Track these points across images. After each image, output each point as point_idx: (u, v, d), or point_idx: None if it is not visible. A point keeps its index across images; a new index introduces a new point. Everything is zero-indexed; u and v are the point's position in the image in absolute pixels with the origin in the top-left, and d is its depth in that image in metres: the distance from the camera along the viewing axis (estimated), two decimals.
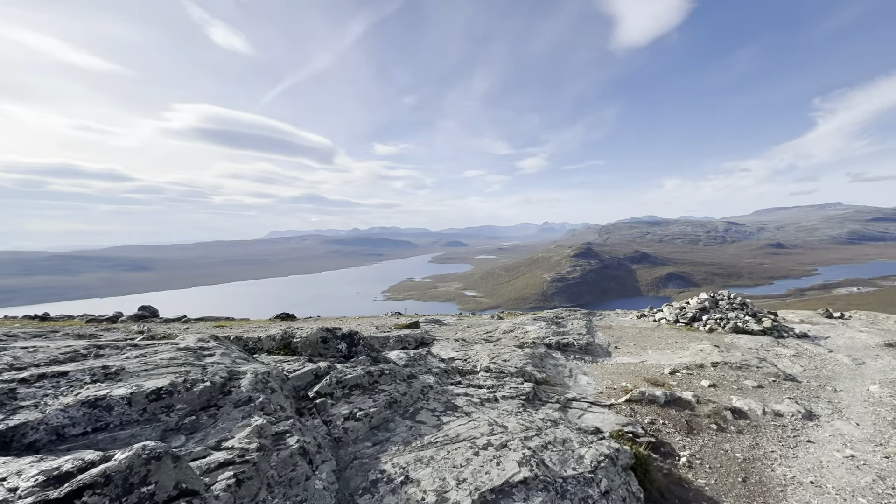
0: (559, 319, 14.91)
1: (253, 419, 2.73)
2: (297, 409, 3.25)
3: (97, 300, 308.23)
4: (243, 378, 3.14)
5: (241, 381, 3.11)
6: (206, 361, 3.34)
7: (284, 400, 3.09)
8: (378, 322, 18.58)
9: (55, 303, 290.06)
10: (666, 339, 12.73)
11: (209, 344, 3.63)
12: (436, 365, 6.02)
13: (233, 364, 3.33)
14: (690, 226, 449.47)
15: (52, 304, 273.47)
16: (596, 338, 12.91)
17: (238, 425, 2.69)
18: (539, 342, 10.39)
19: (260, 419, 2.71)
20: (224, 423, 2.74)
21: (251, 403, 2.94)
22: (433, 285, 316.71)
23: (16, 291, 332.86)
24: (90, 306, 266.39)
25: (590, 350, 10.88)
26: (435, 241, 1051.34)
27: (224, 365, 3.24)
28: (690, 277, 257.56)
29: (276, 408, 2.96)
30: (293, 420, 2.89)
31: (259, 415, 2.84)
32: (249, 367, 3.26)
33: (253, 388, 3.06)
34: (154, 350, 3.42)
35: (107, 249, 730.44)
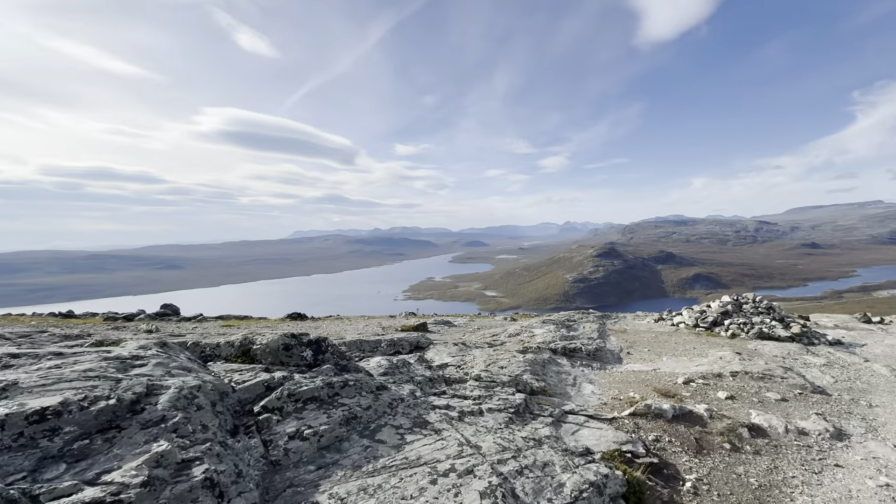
0: (570, 322, 14.29)
1: (156, 444, 2.40)
2: (233, 428, 2.93)
3: (131, 297, 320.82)
4: (164, 393, 2.83)
5: (160, 397, 2.78)
6: (130, 373, 3.04)
7: (212, 418, 2.75)
8: (386, 323, 18.34)
9: (93, 300, 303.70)
10: (683, 345, 11.99)
11: (148, 352, 3.35)
12: (420, 373, 5.64)
13: (163, 376, 3.02)
14: (719, 225, 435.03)
15: (89, 301, 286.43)
16: (608, 342, 12.27)
17: (135, 451, 2.36)
18: (544, 347, 9.88)
19: (165, 444, 2.38)
20: (121, 448, 2.41)
21: (163, 424, 2.61)
22: (453, 285, 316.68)
23: (57, 289, 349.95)
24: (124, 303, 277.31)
25: (599, 356, 10.29)
26: (455, 241, 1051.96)
27: (148, 378, 2.93)
28: (718, 278, 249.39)
29: (195, 428, 2.63)
30: (212, 443, 2.55)
31: (168, 438, 2.51)
32: (177, 380, 2.94)
33: (172, 406, 2.74)
34: (74, 359, 3.15)
35: (140, 249, 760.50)
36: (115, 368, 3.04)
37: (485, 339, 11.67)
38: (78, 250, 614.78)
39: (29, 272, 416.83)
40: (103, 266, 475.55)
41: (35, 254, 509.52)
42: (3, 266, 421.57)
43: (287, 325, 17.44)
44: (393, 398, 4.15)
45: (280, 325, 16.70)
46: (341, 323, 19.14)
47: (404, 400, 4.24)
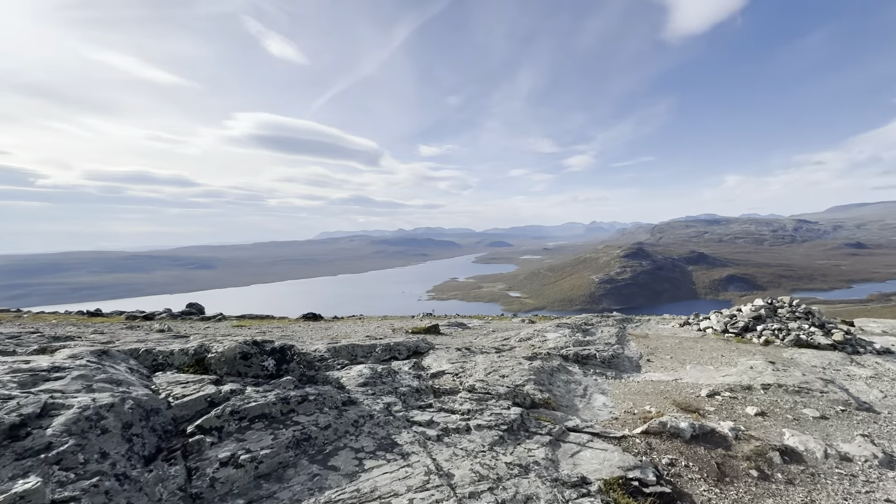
0: (587, 326, 13.52)
1: (23, 481, 2.02)
2: (152, 453, 2.54)
3: (167, 296, 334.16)
4: (61, 414, 2.46)
5: (55, 420, 2.41)
6: (34, 389, 2.69)
7: (119, 444, 2.37)
8: (399, 324, 17.99)
9: (133, 298, 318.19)
10: (710, 352, 11.07)
11: (75, 362, 3.01)
12: (406, 383, 5.17)
13: (77, 391, 2.67)
14: (754, 224, 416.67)
15: (130, 300, 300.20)
16: (626, 348, 11.48)
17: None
18: (555, 353, 9.24)
19: (35, 481, 2.00)
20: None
21: (46, 453, 2.22)
22: (477, 286, 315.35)
23: (101, 287, 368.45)
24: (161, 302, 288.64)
25: (615, 363, 9.57)
26: (479, 242, 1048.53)
27: (51, 395, 2.59)
28: (754, 280, 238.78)
29: (89, 457, 2.25)
30: (103, 477, 2.16)
31: (44, 472, 2.12)
32: (86, 397, 2.58)
33: (66, 430, 2.36)
34: None
35: (176, 249, 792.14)
36: (16, 383, 2.71)
37: (494, 343, 11.11)
38: (119, 251, 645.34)
39: (75, 271, 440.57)
40: (142, 266, 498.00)
41: (80, 254, 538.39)
42: (51, 266, 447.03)
43: (298, 325, 17.34)
44: (361, 414, 3.70)
45: (290, 327, 16.60)
46: (353, 324, 18.92)
47: (374, 417, 3.77)
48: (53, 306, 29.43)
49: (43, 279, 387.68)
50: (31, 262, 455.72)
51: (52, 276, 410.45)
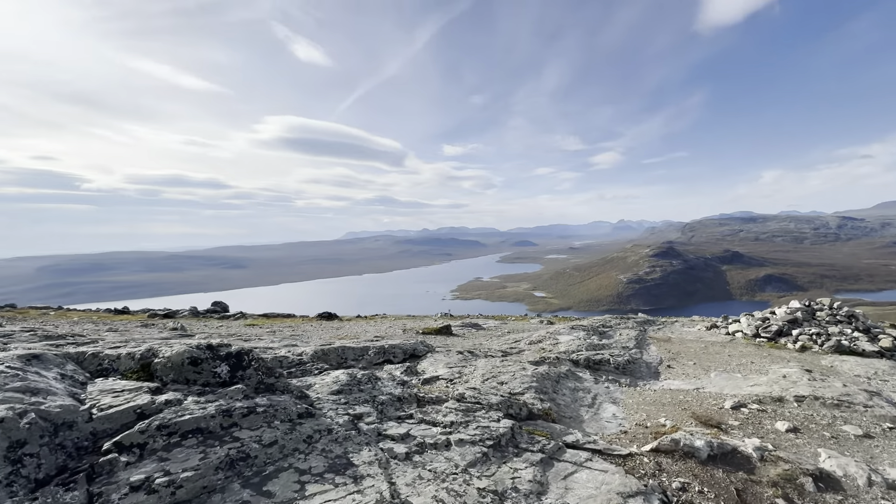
0: (605, 329, 12.77)
1: None
2: (49, 475, 2.22)
3: (202, 294, 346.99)
4: None
5: None
6: None
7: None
8: (412, 324, 17.67)
9: (169, 296, 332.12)
10: (738, 358, 10.20)
11: None
12: (388, 391, 4.76)
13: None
14: (794, 222, 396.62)
15: (167, 298, 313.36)
16: (645, 353, 10.73)
17: None
18: (564, 357, 8.65)
19: None
20: None
21: None
22: (501, 285, 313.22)
23: (140, 286, 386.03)
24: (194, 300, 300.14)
25: (631, 370, 8.89)
26: (503, 241, 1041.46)
27: None
28: (794, 280, 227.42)
29: None
30: None
31: None
32: None
33: None
34: None
35: (209, 249, 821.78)
36: None
37: (502, 346, 10.59)
38: (157, 251, 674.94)
39: (117, 271, 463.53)
40: (179, 265, 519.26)
41: (122, 254, 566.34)
42: (95, 265, 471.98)
43: (310, 325, 17.27)
44: (318, 428, 3.30)
45: (301, 326, 16.53)
46: (366, 323, 18.74)
47: (333, 431, 3.36)
48: (95, 304, 30.77)
49: (88, 278, 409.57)
50: (76, 262, 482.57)
51: (95, 275, 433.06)
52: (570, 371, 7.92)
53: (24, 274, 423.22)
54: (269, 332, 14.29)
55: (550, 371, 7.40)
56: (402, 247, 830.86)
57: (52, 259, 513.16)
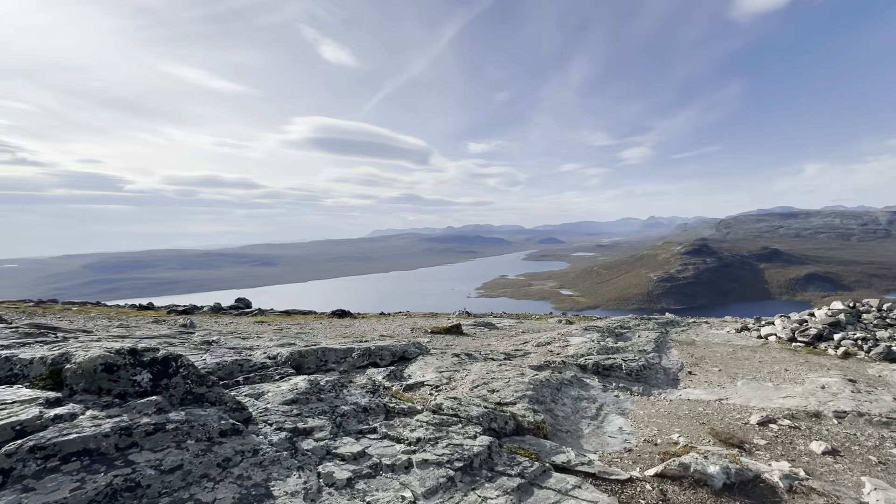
0: (622, 330, 11.89)
1: None
2: None
3: (234, 291, 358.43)
4: None
5: None
6: None
7: None
8: (424, 322, 17.21)
9: (204, 293, 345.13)
10: (770, 365, 9.20)
11: None
12: (353, 400, 4.26)
13: None
14: (839, 217, 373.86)
15: (201, 294, 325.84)
16: (665, 357, 9.86)
17: None
18: (571, 362, 7.95)
19: None
20: None
21: None
22: (527, 283, 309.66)
23: (177, 282, 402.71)
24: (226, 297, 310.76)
25: (646, 376, 8.09)
26: (529, 238, 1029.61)
27: None
28: (839, 279, 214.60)
29: None
30: None
31: None
32: None
33: None
34: None
35: (241, 248, 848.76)
36: None
37: (509, 347, 9.95)
38: (193, 249, 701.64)
39: (156, 268, 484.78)
40: (213, 263, 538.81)
41: (160, 252, 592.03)
42: (136, 263, 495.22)
43: (319, 322, 17.06)
44: (241, 449, 2.83)
45: (311, 323, 16.33)
46: (377, 321, 18.41)
47: (260, 452, 2.87)
48: (136, 299, 32.03)
49: (129, 275, 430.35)
50: (119, 260, 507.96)
51: (137, 272, 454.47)
52: (575, 377, 7.23)
53: (72, 271, 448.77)
54: (276, 329, 14.14)
55: (552, 377, 6.74)
56: (427, 244, 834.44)
57: (97, 257, 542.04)
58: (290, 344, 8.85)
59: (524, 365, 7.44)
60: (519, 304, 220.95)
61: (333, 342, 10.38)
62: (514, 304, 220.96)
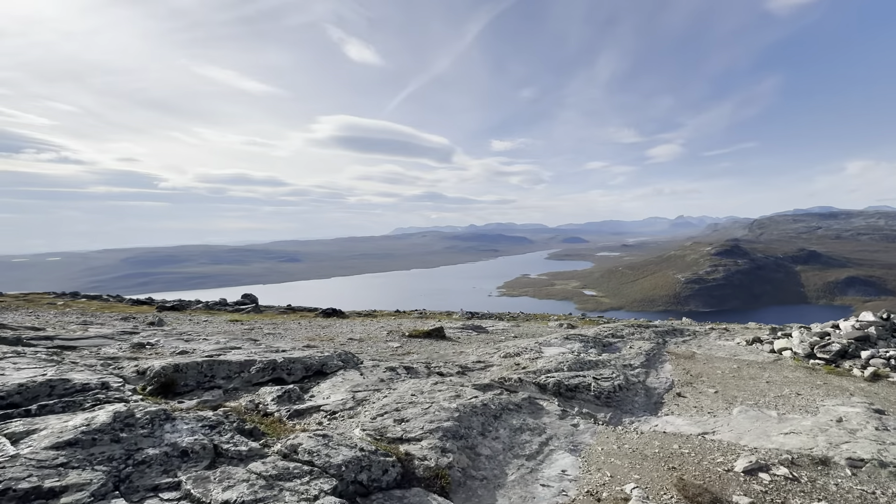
0: (613, 339, 10.51)
1: None
2: None
3: (260, 286, 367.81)
4: None
5: None
6: None
7: None
8: (409, 323, 16.17)
9: (232, 287, 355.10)
10: (779, 387, 7.73)
11: None
12: (170, 441, 3.24)
13: None
14: (884, 218, 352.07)
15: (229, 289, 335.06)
16: (655, 374, 8.50)
17: None
18: (530, 380, 6.73)
19: None
20: None
21: None
22: (549, 282, 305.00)
23: (207, 277, 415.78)
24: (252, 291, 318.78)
25: (619, 399, 6.80)
26: (552, 237, 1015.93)
27: None
28: (882, 283, 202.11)
29: None
30: None
31: None
32: None
33: None
34: None
35: (268, 244, 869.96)
36: None
37: (472, 358, 8.79)
38: (223, 245, 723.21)
39: (187, 263, 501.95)
40: (241, 259, 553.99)
41: (192, 248, 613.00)
42: (169, 258, 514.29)
43: (298, 322, 16.24)
44: None
45: (286, 323, 15.54)
46: (360, 322, 17.47)
47: None
48: (168, 293, 32.77)
49: (163, 269, 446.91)
50: (154, 255, 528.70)
51: (170, 266, 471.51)
52: (528, 399, 6.05)
53: (110, 265, 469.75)
54: (247, 328, 13.42)
55: (495, 400, 5.59)
56: (449, 242, 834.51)
57: (133, 252, 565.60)
58: (235, 348, 8.01)
59: (470, 383, 6.30)
60: (541, 303, 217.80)
61: (287, 344, 9.49)
62: (535, 303, 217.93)
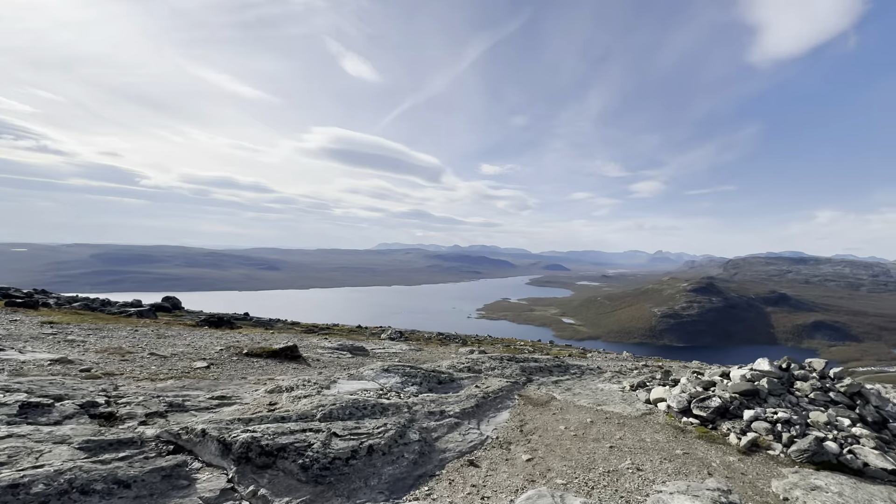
0: (460, 375, 8.32)
1: None
2: None
3: (236, 293, 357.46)
4: None
5: None
6: None
7: None
8: (268, 341, 13.80)
9: (206, 292, 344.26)
10: (622, 456, 5.62)
11: None
12: None
13: None
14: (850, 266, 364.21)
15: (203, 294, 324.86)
16: (469, 427, 6.32)
17: None
18: (215, 434, 4.50)
19: None
20: None
21: None
22: (529, 308, 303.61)
23: (180, 279, 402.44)
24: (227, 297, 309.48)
25: (348, 471, 4.52)
26: (534, 263, 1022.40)
27: None
28: (847, 329, 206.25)
29: None
30: None
31: None
32: None
33: None
34: None
35: (248, 249, 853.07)
36: None
37: (227, 391, 6.52)
38: (200, 248, 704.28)
39: (161, 263, 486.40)
40: (218, 263, 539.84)
41: (168, 248, 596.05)
42: (142, 257, 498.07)
43: (150, 329, 13.62)
44: None
45: (121, 330, 12.93)
46: (206, 333, 14.94)
47: None
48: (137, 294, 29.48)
49: (135, 268, 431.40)
50: (127, 253, 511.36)
51: (142, 266, 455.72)
52: (167, 471, 3.81)
53: (80, 259, 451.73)
54: (53, 333, 10.89)
55: (84, 476, 3.34)
56: (432, 261, 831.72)
57: (105, 248, 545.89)
58: None
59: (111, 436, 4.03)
60: (519, 328, 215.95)
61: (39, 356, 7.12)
62: (514, 328, 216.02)
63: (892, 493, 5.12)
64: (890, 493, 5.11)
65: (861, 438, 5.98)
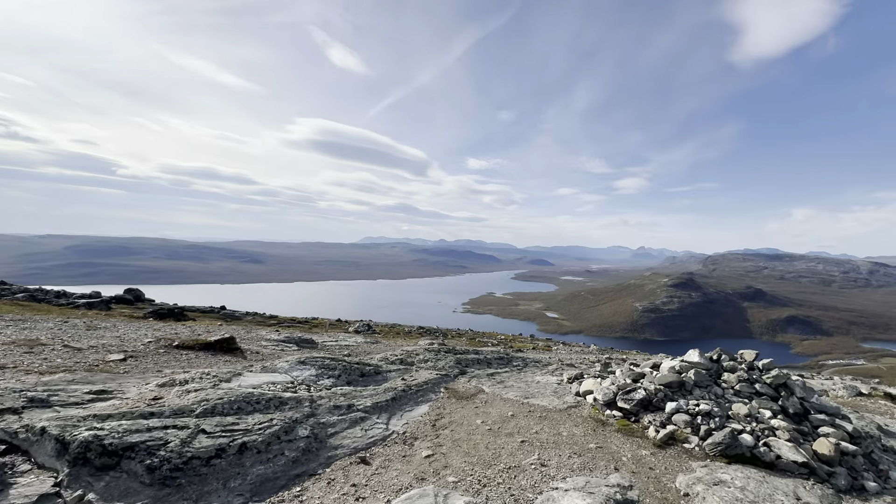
0: (388, 367, 7.99)
1: None
2: None
3: (218, 286, 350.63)
4: None
5: None
6: None
7: None
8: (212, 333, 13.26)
9: (187, 285, 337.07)
10: (530, 451, 5.35)
11: None
12: None
13: None
14: (822, 263, 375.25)
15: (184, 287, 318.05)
16: (378, 421, 5.97)
17: None
18: (55, 432, 4.11)
19: None
20: None
21: None
22: (514, 302, 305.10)
23: (159, 272, 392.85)
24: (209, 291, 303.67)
25: (206, 472, 4.11)
26: (519, 258, 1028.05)
27: None
28: (818, 323, 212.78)
29: None
30: None
31: None
32: None
33: None
34: None
35: (230, 242, 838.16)
36: None
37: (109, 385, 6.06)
38: (180, 240, 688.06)
39: (139, 255, 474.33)
40: (199, 255, 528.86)
41: (146, 240, 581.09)
42: (120, 249, 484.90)
43: (78, 323, 12.93)
44: None
45: (48, 321, 12.23)
46: (146, 325, 14.33)
47: None
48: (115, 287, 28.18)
49: (111, 260, 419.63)
50: (103, 244, 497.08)
51: (119, 258, 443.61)
52: None
53: (52, 251, 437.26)
54: None
55: None
56: (418, 255, 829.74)
57: (80, 239, 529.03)
58: None
59: None
60: (504, 322, 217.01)
61: None
62: (499, 322, 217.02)
63: (797, 487, 4.94)
64: (795, 487, 4.93)
65: (777, 430, 5.81)
